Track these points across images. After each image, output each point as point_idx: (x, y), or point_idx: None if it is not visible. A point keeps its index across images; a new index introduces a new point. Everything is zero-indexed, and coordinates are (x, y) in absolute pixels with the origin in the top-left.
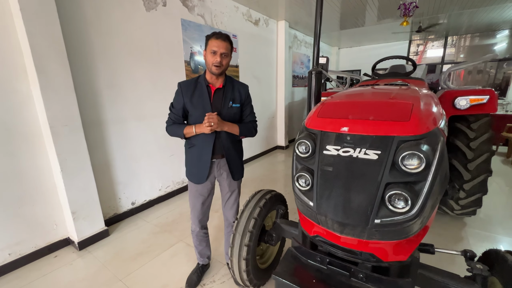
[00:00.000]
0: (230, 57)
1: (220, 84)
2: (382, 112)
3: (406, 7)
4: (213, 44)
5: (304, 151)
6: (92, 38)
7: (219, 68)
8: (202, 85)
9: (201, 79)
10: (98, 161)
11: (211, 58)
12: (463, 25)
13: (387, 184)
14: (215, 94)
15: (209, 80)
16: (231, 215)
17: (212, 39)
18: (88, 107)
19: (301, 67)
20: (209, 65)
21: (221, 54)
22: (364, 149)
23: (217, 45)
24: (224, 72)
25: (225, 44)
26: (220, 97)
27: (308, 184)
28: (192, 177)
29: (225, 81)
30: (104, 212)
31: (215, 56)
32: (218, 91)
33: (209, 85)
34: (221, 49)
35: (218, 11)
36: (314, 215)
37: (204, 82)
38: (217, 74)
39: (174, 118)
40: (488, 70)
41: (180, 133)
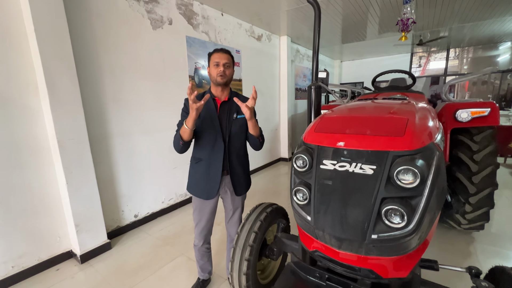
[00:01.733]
0: (233, 70)
1: (225, 97)
2: (378, 127)
3: (404, 22)
4: (215, 57)
5: (302, 165)
6: (100, 54)
7: (223, 78)
8: (208, 99)
9: (207, 93)
10: (103, 174)
11: (214, 70)
12: (464, 38)
13: (383, 199)
14: (221, 107)
15: (214, 93)
16: (234, 231)
17: (213, 54)
18: (95, 121)
19: (303, 80)
20: (214, 76)
21: (224, 64)
22: (360, 164)
23: (219, 57)
24: (228, 84)
25: (226, 55)
26: (225, 110)
27: (306, 198)
28: (200, 193)
29: (230, 94)
30: (107, 225)
31: (218, 67)
32: (223, 104)
33: (215, 99)
34: (223, 60)
35: (222, 28)
36: (312, 229)
37: (210, 96)
38: (222, 83)
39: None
40: (492, 81)
41: (177, 136)
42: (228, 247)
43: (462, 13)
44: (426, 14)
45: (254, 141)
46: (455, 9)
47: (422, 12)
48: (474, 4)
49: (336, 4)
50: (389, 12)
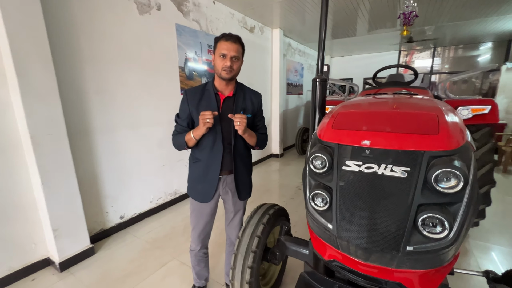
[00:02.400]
0: (242, 60)
1: (230, 92)
2: (406, 123)
3: (406, 16)
4: (222, 47)
5: (320, 166)
6: (80, 41)
7: (229, 73)
8: (210, 92)
9: (209, 86)
10: (85, 173)
11: (220, 62)
12: (450, 37)
13: (418, 206)
14: (225, 103)
15: (218, 87)
16: (234, 234)
17: (221, 41)
18: (75, 115)
19: (295, 75)
20: (218, 70)
21: (232, 57)
22: (390, 166)
23: (227, 48)
24: (234, 78)
25: (236, 46)
26: (230, 107)
27: (326, 203)
28: (195, 195)
29: (235, 88)
30: (90, 228)
31: (224, 60)
32: (228, 100)
33: (218, 93)
34: (232, 52)
35: (214, 17)
36: (333, 239)
37: (213, 90)
38: (227, 79)
39: (179, 130)
40: (474, 80)
41: (181, 141)
42: (228, 251)
43: (451, 12)
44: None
45: (250, 146)
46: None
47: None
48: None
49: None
50: (379, 9)
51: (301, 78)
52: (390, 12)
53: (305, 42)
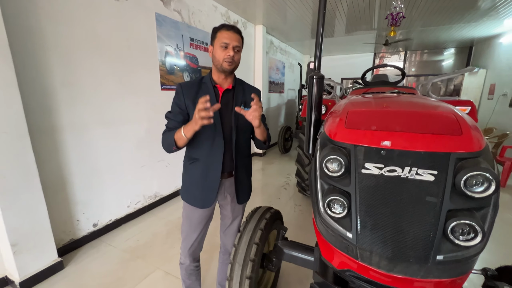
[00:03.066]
0: (240, 54)
1: (229, 84)
2: (427, 123)
3: (393, 17)
4: (223, 36)
5: (336, 169)
6: (43, 25)
7: (231, 64)
8: (207, 86)
9: (206, 79)
10: (50, 177)
11: (221, 53)
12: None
13: (447, 212)
14: (224, 96)
15: (216, 80)
16: (230, 243)
17: (222, 30)
18: (38, 110)
19: (276, 73)
20: (219, 61)
21: (234, 47)
22: (416, 169)
23: (229, 37)
24: (234, 71)
25: (238, 36)
26: (229, 100)
27: (344, 209)
28: (193, 200)
29: (234, 81)
30: (58, 239)
31: (226, 50)
32: (227, 93)
33: (216, 86)
34: (234, 42)
35: (196, 9)
36: (353, 249)
37: (211, 83)
38: (229, 71)
39: (172, 126)
40: (439, 83)
41: (170, 140)
42: (222, 260)
43: (422, 17)
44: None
45: (259, 143)
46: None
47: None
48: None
49: (307, 0)
50: (356, 12)
51: (282, 77)
52: (366, 15)
53: (287, 40)
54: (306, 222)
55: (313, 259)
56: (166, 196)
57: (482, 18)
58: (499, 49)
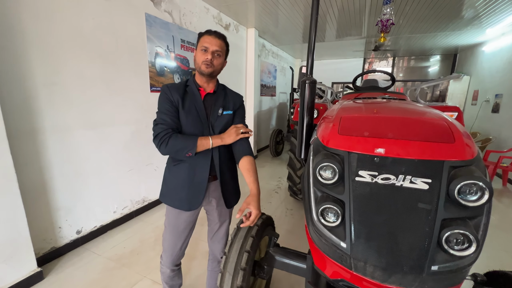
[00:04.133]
0: (224, 60)
1: (211, 89)
2: (420, 130)
3: (383, 23)
4: (204, 40)
5: (330, 177)
6: (25, 21)
7: (209, 67)
8: (192, 88)
9: (190, 82)
10: (30, 182)
11: (200, 56)
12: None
13: (442, 221)
14: (205, 99)
15: (199, 82)
16: (219, 249)
17: (204, 35)
18: (17, 111)
19: (268, 76)
20: (199, 64)
21: (214, 52)
22: (410, 177)
23: (209, 42)
24: (215, 76)
25: (219, 41)
26: (210, 104)
27: (337, 218)
28: (178, 203)
29: (217, 86)
30: (37, 248)
31: (205, 53)
32: (208, 97)
33: (200, 89)
34: (213, 46)
35: (188, 10)
36: (346, 259)
37: (195, 85)
38: (207, 74)
39: (171, 121)
40: (425, 89)
41: (192, 145)
42: (211, 268)
43: (409, 25)
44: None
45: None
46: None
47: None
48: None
49: (298, 4)
50: (346, 17)
51: (274, 80)
52: (356, 21)
53: (278, 44)
54: (298, 227)
55: (306, 266)
56: (155, 200)
57: (466, 27)
58: (482, 57)
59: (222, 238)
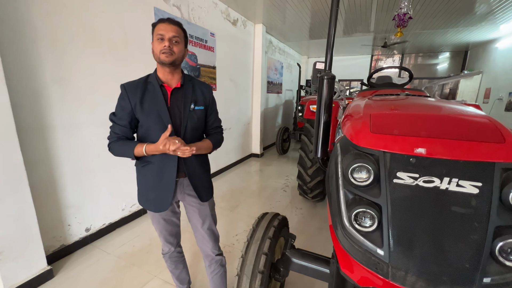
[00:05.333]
0: (185, 48)
1: (177, 83)
2: (462, 129)
3: (400, 17)
4: (159, 29)
5: (364, 177)
6: (35, 16)
7: (169, 56)
8: (154, 85)
9: (152, 78)
10: (40, 179)
11: (158, 46)
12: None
13: (494, 229)
14: (172, 95)
15: (162, 78)
16: (209, 247)
17: (158, 24)
18: (27, 108)
19: (275, 73)
20: (157, 54)
21: (170, 38)
22: (456, 179)
23: (164, 29)
24: (178, 65)
25: (174, 27)
26: (179, 99)
27: (373, 223)
28: (149, 205)
29: (183, 79)
30: (47, 246)
31: (162, 42)
32: (175, 92)
33: (164, 85)
34: (170, 33)
35: (196, 5)
36: (383, 267)
37: (157, 82)
38: (168, 63)
39: (119, 131)
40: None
41: (129, 153)
42: (210, 270)
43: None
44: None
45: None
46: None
47: (385, 16)
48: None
49: (306, 1)
50: (353, 13)
51: (280, 77)
52: (363, 17)
53: (285, 40)
54: (308, 226)
55: (329, 271)
56: None
57: (479, 23)
58: (494, 54)
59: (210, 236)
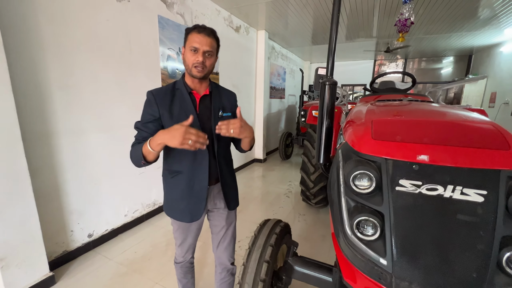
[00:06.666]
0: (216, 57)
1: (205, 90)
2: (466, 136)
3: (402, 23)
4: (194, 40)
5: (366, 185)
6: (42, 24)
7: (201, 71)
8: (182, 92)
9: (180, 85)
10: (44, 185)
11: (190, 57)
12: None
13: (501, 238)
14: (201, 102)
15: (191, 85)
16: (226, 256)
17: (192, 33)
18: (32, 114)
19: (278, 79)
20: (189, 66)
21: (204, 52)
22: (460, 187)
23: (199, 41)
24: (208, 76)
25: (210, 40)
26: (207, 106)
27: (375, 232)
28: (180, 216)
29: (210, 86)
30: (49, 252)
31: (196, 54)
32: (204, 99)
33: (193, 92)
34: (204, 46)
35: (199, 12)
36: (386, 277)
37: (186, 89)
38: (199, 77)
39: (142, 139)
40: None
41: (138, 153)
42: (219, 279)
43: (423, 26)
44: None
45: (241, 150)
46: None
47: (388, 21)
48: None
49: (308, 7)
50: (355, 19)
51: (283, 82)
52: (365, 22)
53: (288, 46)
54: (311, 233)
55: (332, 280)
56: None
57: (482, 27)
58: (499, 58)
59: (230, 244)
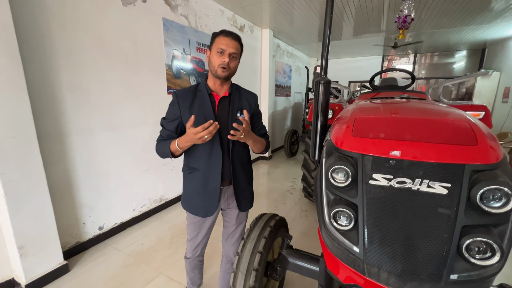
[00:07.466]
0: (239, 61)
1: (225, 91)
2: (439, 132)
3: (402, 19)
4: (221, 42)
5: (343, 179)
6: (53, 30)
7: (225, 71)
8: (203, 93)
9: (202, 86)
10: (58, 180)
11: (217, 59)
12: (427, 44)
13: (462, 228)
14: (220, 104)
15: (212, 87)
16: (232, 251)
17: (220, 36)
18: (46, 114)
19: (283, 76)
20: (214, 67)
21: (230, 54)
22: (427, 181)
23: (226, 44)
24: (230, 78)
25: (236, 43)
26: (226, 107)
27: (350, 222)
28: (195, 210)
29: (231, 88)
30: (64, 242)
31: (222, 56)
32: (223, 100)
33: (212, 93)
34: (230, 49)
35: (203, 13)
36: (360, 264)
37: (206, 90)
38: (223, 78)
39: (166, 136)
40: (450, 86)
41: (166, 150)
42: (224, 269)
43: (431, 20)
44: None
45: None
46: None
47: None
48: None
49: (313, 3)
50: (364, 14)
51: (289, 80)
52: (374, 17)
53: (293, 43)
54: (312, 229)
55: (318, 269)
56: (171, 199)
57: (495, 20)
58: None
59: (237, 240)
